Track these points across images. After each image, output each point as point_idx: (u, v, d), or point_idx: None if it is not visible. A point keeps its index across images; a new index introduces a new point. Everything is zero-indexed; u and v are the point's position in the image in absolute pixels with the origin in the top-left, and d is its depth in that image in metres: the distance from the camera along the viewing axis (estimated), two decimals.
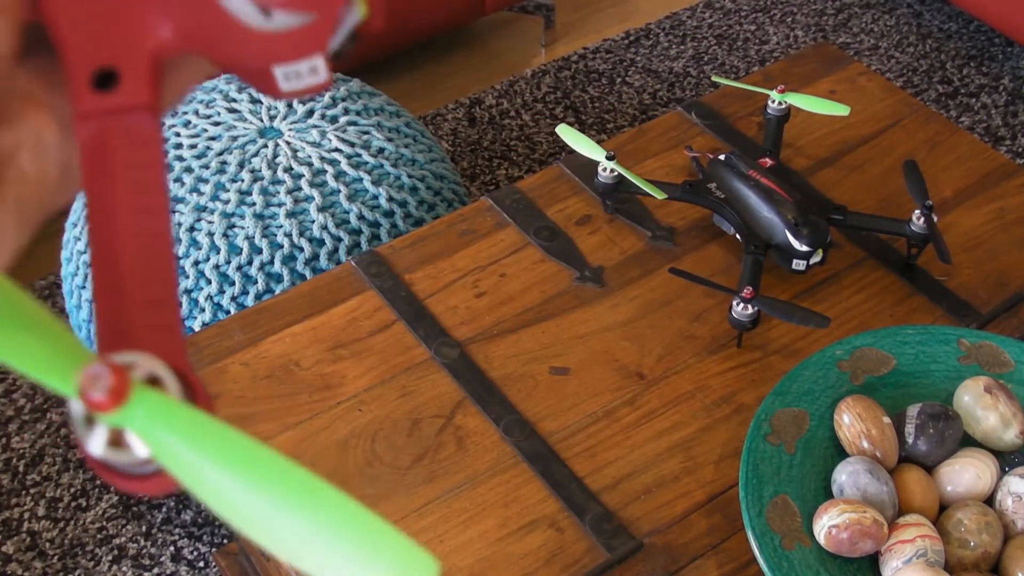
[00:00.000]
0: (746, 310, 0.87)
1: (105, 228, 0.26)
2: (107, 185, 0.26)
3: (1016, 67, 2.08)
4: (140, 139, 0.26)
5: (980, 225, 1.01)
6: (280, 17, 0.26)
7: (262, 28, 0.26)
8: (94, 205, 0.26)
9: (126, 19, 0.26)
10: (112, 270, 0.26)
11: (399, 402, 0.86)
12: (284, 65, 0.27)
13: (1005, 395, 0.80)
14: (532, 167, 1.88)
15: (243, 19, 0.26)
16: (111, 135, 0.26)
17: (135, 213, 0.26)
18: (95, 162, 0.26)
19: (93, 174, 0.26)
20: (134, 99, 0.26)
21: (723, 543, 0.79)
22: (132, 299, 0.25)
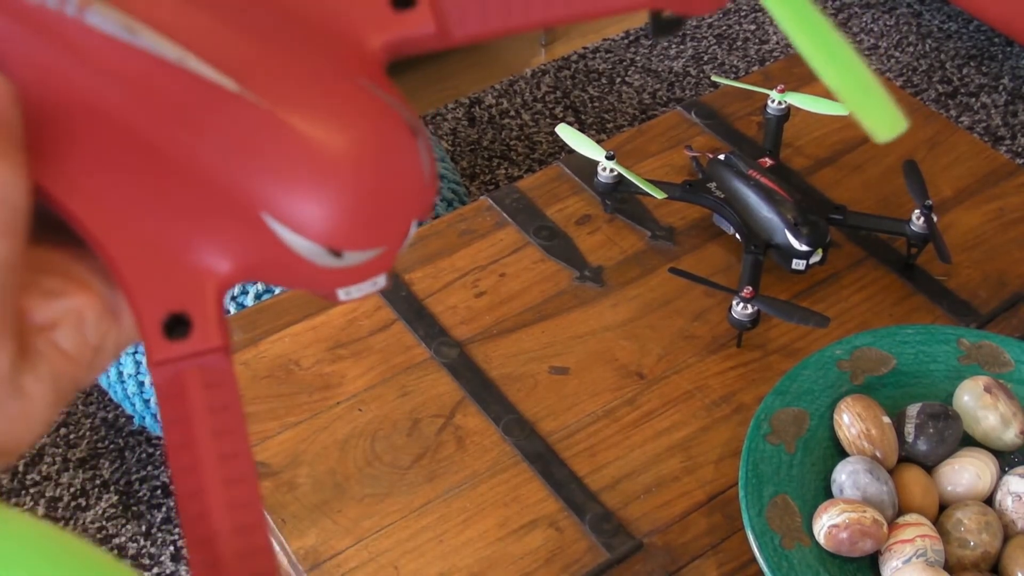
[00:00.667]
0: (746, 310, 0.87)
1: (192, 477, 0.25)
2: (187, 431, 0.25)
3: (1016, 67, 2.08)
4: (216, 380, 0.26)
5: (980, 225, 1.01)
6: (350, 256, 0.25)
7: (332, 266, 0.25)
8: (176, 451, 0.25)
9: (192, 262, 0.25)
10: (203, 523, 0.25)
11: (399, 402, 0.86)
12: (346, 287, 0.26)
13: (1005, 395, 0.80)
14: (532, 167, 1.88)
15: (313, 259, 0.25)
16: (187, 380, 0.26)
17: (219, 459, 0.25)
18: (174, 408, 0.26)
19: (172, 420, 0.25)
20: (208, 343, 0.25)
21: (723, 543, 0.79)
22: (226, 552, 0.25)
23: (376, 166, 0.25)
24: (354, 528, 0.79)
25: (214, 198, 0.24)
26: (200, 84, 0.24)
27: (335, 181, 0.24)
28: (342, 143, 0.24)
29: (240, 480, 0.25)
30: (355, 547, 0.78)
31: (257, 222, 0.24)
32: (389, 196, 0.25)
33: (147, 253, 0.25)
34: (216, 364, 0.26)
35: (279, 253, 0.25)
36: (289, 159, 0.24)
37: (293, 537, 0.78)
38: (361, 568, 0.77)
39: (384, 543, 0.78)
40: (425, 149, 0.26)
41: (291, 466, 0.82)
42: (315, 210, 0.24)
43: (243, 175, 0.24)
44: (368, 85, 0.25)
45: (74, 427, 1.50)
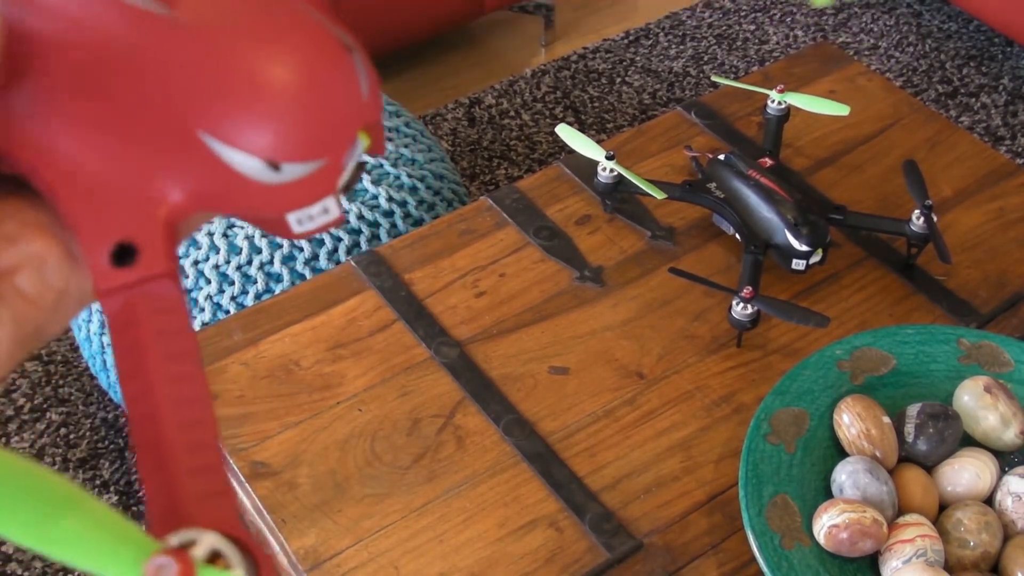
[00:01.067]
0: (746, 310, 0.87)
1: (144, 401, 0.26)
2: (139, 357, 0.26)
3: (1016, 67, 2.08)
4: (166, 307, 0.26)
5: (980, 225, 1.01)
6: (290, 169, 0.26)
7: (273, 181, 0.26)
8: (128, 379, 0.26)
9: (136, 190, 0.26)
10: (156, 445, 0.25)
11: (399, 402, 0.86)
12: (297, 211, 0.27)
13: (1005, 395, 0.80)
14: (532, 167, 1.88)
15: (253, 175, 0.25)
16: (137, 307, 0.26)
17: (170, 383, 0.26)
18: (125, 336, 0.26)
19: (124, 348, 0.26)
20: (154, 269, 0.26)
21: (723, 543, 0.79)
22: (179, 471, 0.25)
23: (304, 76, 0.25)
24: (354, 528, 0.79)
25: (153, 123, 0.25)
26: (131, 12, 0.24)
27: (264, 92, 0.25)
28: (269, 55, 0.25)
29: (193, 400, 0.26)
30: (355, 547, 0.78)
31: (196, 143, 0.25)
32: (321, 106, 0.25)
33: (91, 185, 0.25)
34: (164, 290, 0.26)
35: (221, 173, 0.25)
36: (217, 73, 0.24)
37: (293, 537, 0.78)
38: (361, 568, 0.77)
39: (384, 543, 0.78)
40: (361, 64, 0.26)
41: (291, 466, 0.82)
42: (247, 122, 0.25)
43: (177, 95, 0.25)
44: (299, 6, 0.26)
45: (74, 427, 1.50)
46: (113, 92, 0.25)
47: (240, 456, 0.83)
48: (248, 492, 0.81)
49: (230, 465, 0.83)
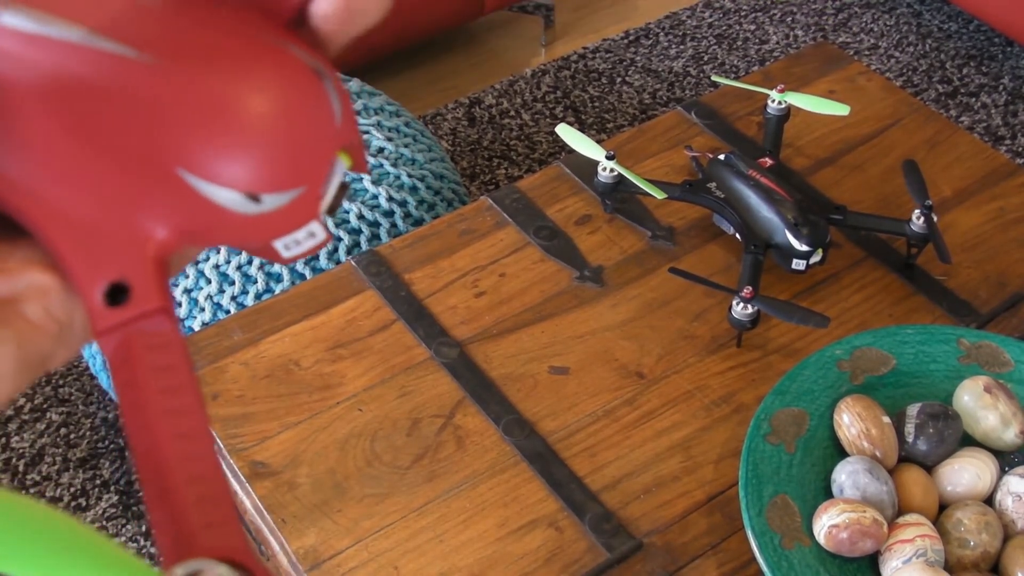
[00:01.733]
0: (746, 310, 0.87)
1: (145, 435, 0.26)
2: (138, 392, 0.26)
3: (1016, 67, 2.08)
4: (161, 342, 0.27)
5: (980, 225, 1.01)
6: (270, 199, 0.26)
7: (254, 212, 0.26)
8: (129, 413, 0.26)
9: (123, 230, 0.26)
10: (159, 478, 0.26)
11: (399, 402, 0.86)
12: (283, 237, 0.27)
13: (1005, 395, 0.80)
14: (532, 167, 1.88)
15: (234, 208, 0.26)
16: (133, 344, 0.27)
17: (169, 416, 0.26)
18: (123, 372, 0.27)
19: (123, 384, 0.27)
20: (147, 306, 0.26)
21: (723, 543, 0.79)
22: (184, 502, 0.26)
23: (275, 107, 0.25)
24: (354, 528, 0.79)
25: (133, 164, 0.25)
26: (104, 58, 0.25)
27: (235, 125, 0.25)
28: (239, 89, 0.25)
29: (192, 434, 0.26)
30: (355, 547, 0.78)
31: (176, 180, 0.25)
32: (294, 135, 0.26)
33: (78, 227, 0.26)
34: (158, 326, 0.27)
35: (203, 208, 0.26)
36: (189, 111, 0.25)
37: (293, 537, 0.78)
38: (361, 568, 0.77)
39: (384, 543, 0.78)
40: (333, 88, 0.27)
41: (291, 466, 0.82)
42: (222, 157, 0.25)
43: (153, 135, 0.25)
44: (267, 37, 0.26)
45: (74, 427, 1.50)
46: (91, 136, 0.25)
47: (240, 456, 0.83)
48: (248, 492, 0.81)
49: (230, 465, 0.83)
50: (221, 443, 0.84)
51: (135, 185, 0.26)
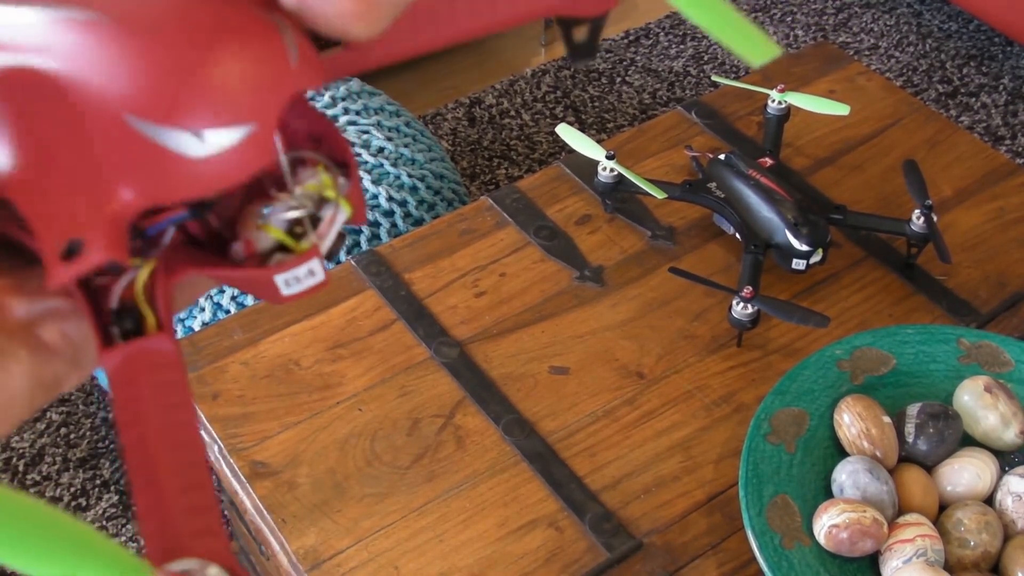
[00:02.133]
0: (746, 310, 0.87)
1: (140, 448, 0.27)
2: (137, 409, 0.27)
3: (1016, 67, 2.08)
4: (162, 362, 0.28)
5: (980, 225, 1.01)
6: (214, 137, 0.26)
7: (203, 154, 0.26)
8: (126, 428, 0.27)
9: (81, 189, 0.27)
10: (152, 487, 0.27)
11: (399, 401, 0.86)
12: (283, 273, 0.28)
13: (1005, 395, 0.80)
14: (532, 167, 1.88)
15: (181, 150, 0.26)
16: (135, 364, 0.28)
17: (166, 430, 0.27)
18: (124, 391, 0.27)
19: (123, 401, 0.27)
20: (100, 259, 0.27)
21: (723, 543, 0.79)
22: (175, 510, 0.27)
23: (214, 43, 0.26)
24: (354, 528, 0.79)
25: (82, 117, 0.26)
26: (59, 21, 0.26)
27: (174, 62, 0.25)
28: (179, 30, 0.26)
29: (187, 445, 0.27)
30: (355, 547, 0.78)
31: (123, 128, 0.26)
32: (234, 69, 0.26)
33: (39, 190, 0.26)
34: (161, 345, 0.28)
35: (152, 155, 0.26)
36: (133, 57, 0.25)
37: (293, 537, 0.78)
38: (361, 568, 0.77)
39: (384, 543, 0.78)
40: (290, 37, 0.26)
41: (291, 466, 0.82)
42: (160, 94, 0.25)
43: (104, 85, 0.25)
44: None
45: (74, 427, 1.50)
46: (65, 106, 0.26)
47: (240, 456, 0.83)
48: (248, 492, 0.81)
49: (230, 465, 0.83)
50: (221, 443, 0.84)
51: (86, 139, 0.26)
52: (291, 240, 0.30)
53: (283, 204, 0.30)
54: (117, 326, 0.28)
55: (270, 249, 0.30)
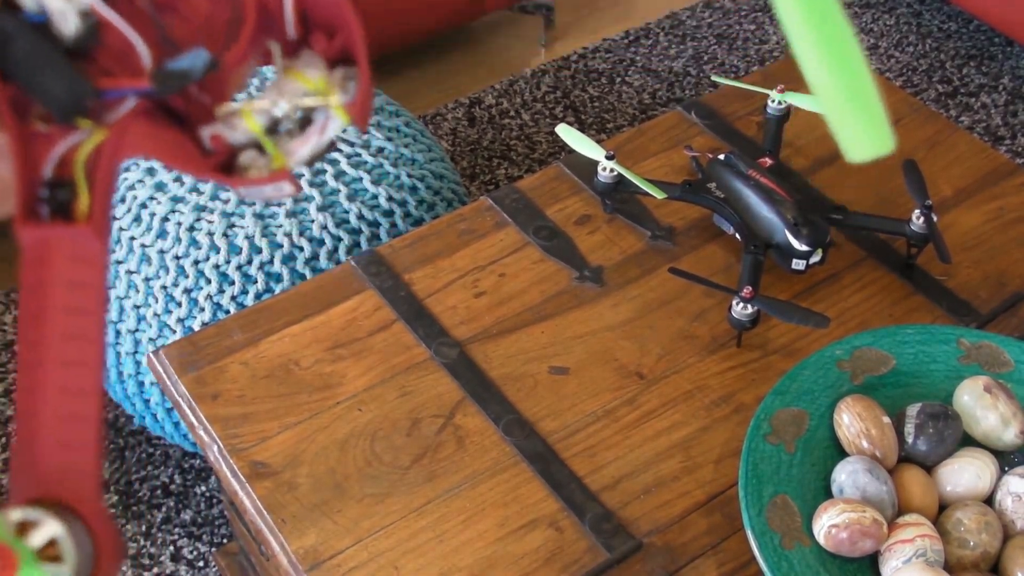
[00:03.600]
0: (746, 310, 0.87)
1: (32, 352, 0.25)
2: (41, 302, 0.25)
3: (1016, 67, 2.08)
4: (83, 256, 0.25)
5: (980, 225, 1.01)
6: None
7: None
8: (26, 324, 0.25)
9: None
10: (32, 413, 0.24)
11: (399, 402, 0.86)
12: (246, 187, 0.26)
13: (1005, 395, 0.80)
14: (532, 167, 1.88)
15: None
16: (53, 247, 0.25)
17: (64, 340, 0.25)
18: (32, 274, 0.25)
19: (30, 288, 0.25)
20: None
21: (723, 543, 0.79)
22: (49, 440, 0.24)
23: None
24: (354, 528, 0.79)
25: None
26: None
27: None
28: None
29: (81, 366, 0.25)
30: (355, 547, 0.78)
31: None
32: None
33: None
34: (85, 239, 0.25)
35: None
36: None
37: (293, 537, 0.78)
38: (361, 568, 0.77)
39: (384, 543, 0.78)
40: None
41: (291, 466, 0.82)
42: None
43: None
44: None
45: None
46: None
47: (240, 456, 0.83)
48: (248, 492, 0.81)
49: (230, 465, 0.83)
50: (221, 443, 0.84)
51: None
52: (269, 142, 0.27)
53: (271, 93, 0.27)
54: (47, 197, 0.25)
55: (243, 144, 0.27)
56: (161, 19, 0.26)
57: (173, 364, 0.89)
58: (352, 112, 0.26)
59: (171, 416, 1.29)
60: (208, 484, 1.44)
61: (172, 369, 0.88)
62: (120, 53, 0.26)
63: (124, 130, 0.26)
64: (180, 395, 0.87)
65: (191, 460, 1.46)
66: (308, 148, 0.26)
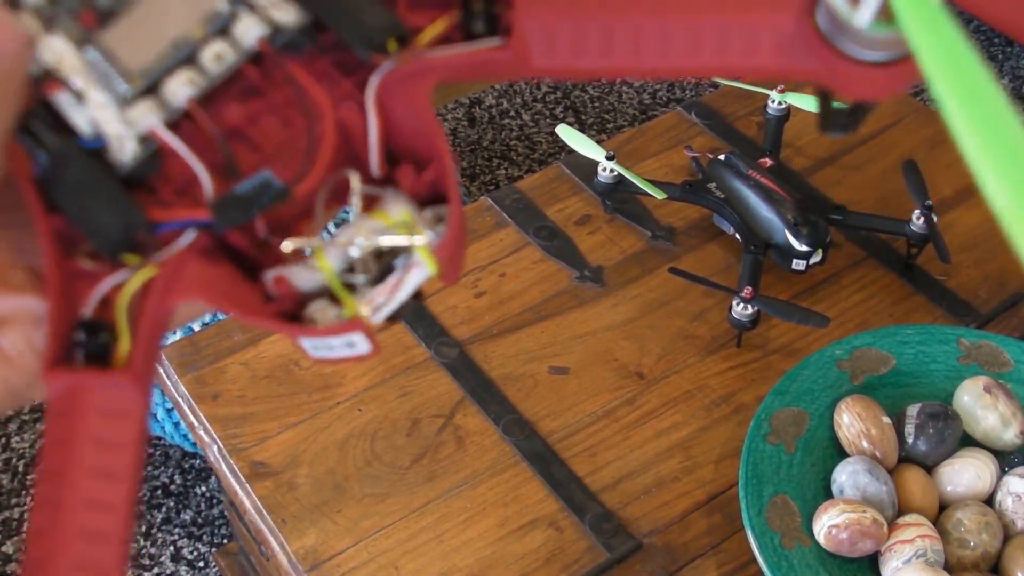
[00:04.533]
0: (746, 310, 0.87)
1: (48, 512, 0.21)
2: (65, 460, 0.21)
3: (1016, 67, 2.08)
4: (117, 411, 0.22)
5: (980, 225, 1.01)
6: None
7: None
8: (45, 479, 0.22)
9: None
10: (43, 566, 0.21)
11: (398, 402, 0.86)
12: (312, 338, 0.23)
13: (1005, 395, 0.80)
14: (532, 167, 1.88)
15: None
16: (84, 399, 0.22)
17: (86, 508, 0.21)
18: (57, 428, 0.22)
19: (53, 442, 0.22)
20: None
21: (723, 543, 0.79)
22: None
23: None
24: (354, 528, 0.79)
25: None
26: None
27: None
28: None
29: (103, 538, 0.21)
30: (355, 547, 0.78)
31: None
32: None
33: None
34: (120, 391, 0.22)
35: None
36: None
37: (293, 537, 0.78)
38: (361, 568, 0.77)
39: (384, 543, 0.78)
40: None
41: (291, 466, 0.82)
42: None
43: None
44: None
45: None
46: None
47: (240, 456, 0.83)
48: (248, 492, 0.81)
49: (230, 465, 0.83)
50: (221, 443, 0.84)
51: None
52: (342, 290, 0.23)
53: (347, 232, 0.23)
54: (83, 341, 0.22)
55: (313, 291, 0.23)
56: (229, 147, 0.23)
57: (173, 364, 0.89)
58: (440, 256, 0.23)
59: (171, 416, 1.28)
60: (208, 484, 1.44)
61: (172, 369, 0.88)
62: (182, 184, 0.23)
63: (177, 268, 0.23)
64: (180, 395, 0.87)
65: (191, 460, 1.46)
66: (385, 297, 0.23)
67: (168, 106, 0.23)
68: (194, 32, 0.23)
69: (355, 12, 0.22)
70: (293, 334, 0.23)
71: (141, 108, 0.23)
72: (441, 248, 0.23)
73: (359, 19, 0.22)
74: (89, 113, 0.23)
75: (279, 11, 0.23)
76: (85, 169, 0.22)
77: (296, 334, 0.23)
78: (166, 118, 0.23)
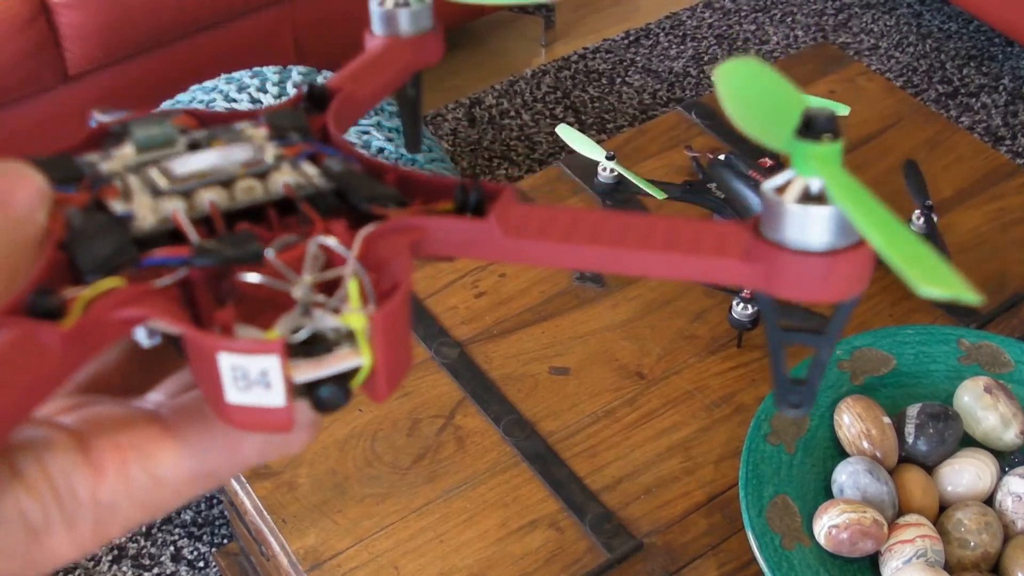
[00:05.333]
0: (746, 310, 0.87)
1: None
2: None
3: (1016, 67, 2.08)
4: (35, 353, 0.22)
5: (980, 225, 1.01)
6: None
7: None
8: None
9: None
10: None
11: (399, 402, 0.86)
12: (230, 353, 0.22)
13: (1005, 395, 0.80)
14: (532, 167, 1.88)
15: None
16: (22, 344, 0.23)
17: None
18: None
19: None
20: None
21: (723, 543, 0.79)
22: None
23: None
24: (354, 528, 0.79)
25: None
26: None
27: None
28: None
29: None
30: (355, 547, 0.78)
31: None
32: None
33: None
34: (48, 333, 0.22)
35: None
36: None
37: (293, 537, 0.78)
38: (361, 568, 0.77)
39: (384, 543, 0.78)
40: None
41: (291, 466, 0.82)
42: None
43: None
44: None
45: None
46: None
47: None
48: (248, 492, 0.81)
49: None
50: None
51: None
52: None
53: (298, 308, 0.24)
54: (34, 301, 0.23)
55: None
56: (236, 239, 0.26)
57: None
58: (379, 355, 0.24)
59: None
60: None
61: None
62: None
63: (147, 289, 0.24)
64: None
65: None
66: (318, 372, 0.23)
67: (194, 208, 0.26)
68: (238, 172, 0.27)
69: (369, 185, 0.28)
70: (213, 345, 0.23)
71: (172, 201, 0.26)
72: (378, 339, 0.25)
73: (372, 187, 0.28)
74: (129, 205, 0.26)
75: (312, 171, 0.28)
76: (105, 223, 0.25)
77: (215, 346, 0.23)
78: (190, 215, 0.26)
